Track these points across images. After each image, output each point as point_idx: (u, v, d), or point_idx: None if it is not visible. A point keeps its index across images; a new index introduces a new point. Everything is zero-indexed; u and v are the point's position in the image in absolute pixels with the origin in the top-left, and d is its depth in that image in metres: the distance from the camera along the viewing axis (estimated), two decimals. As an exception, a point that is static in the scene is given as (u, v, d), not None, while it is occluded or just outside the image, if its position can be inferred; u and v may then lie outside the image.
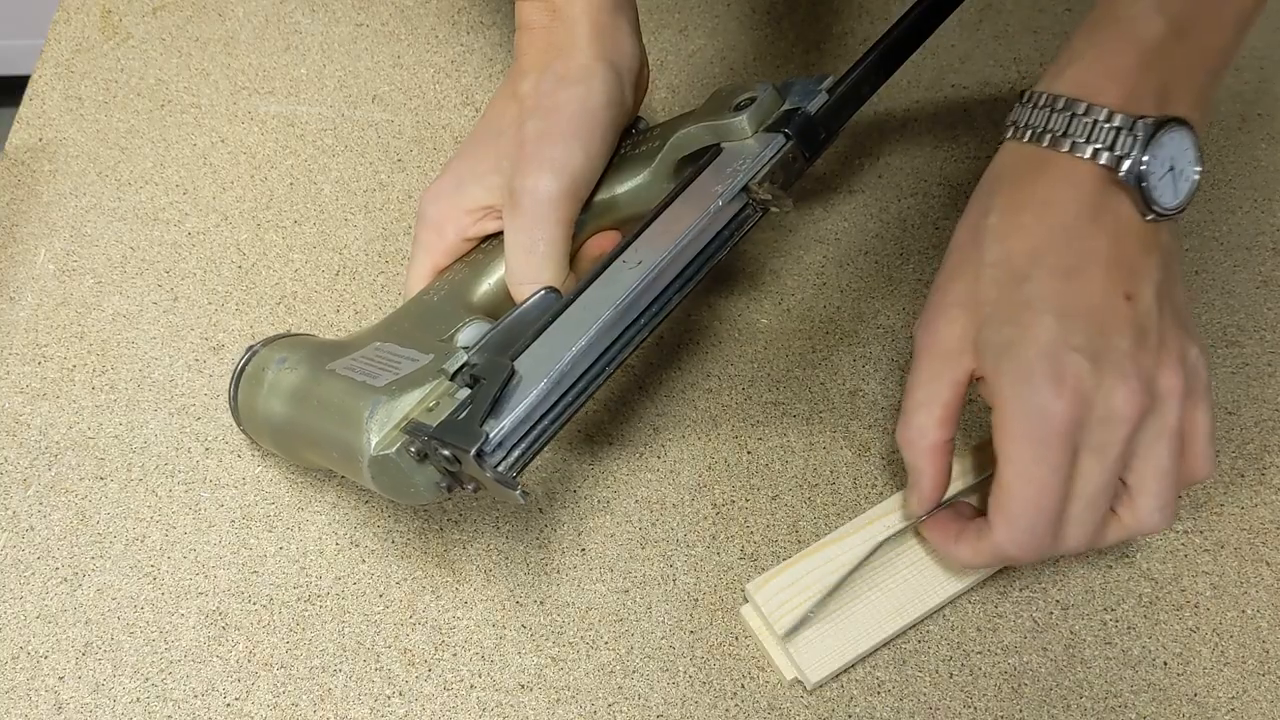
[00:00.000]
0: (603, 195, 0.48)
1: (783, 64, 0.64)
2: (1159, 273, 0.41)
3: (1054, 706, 0.45)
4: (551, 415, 0.41)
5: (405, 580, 0.47)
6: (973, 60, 0.64)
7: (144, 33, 0.64)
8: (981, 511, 0.44)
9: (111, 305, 0.54)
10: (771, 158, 0.45)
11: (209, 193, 0.58)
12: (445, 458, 0.39)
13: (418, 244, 0.49)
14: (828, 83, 0.47)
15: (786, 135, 0.46)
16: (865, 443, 0.51)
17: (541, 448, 0.41)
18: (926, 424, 0.43)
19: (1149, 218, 0.41)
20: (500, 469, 0.39)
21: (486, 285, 0.47)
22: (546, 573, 0.48)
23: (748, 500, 0.49)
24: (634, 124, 0.51)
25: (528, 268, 0.45)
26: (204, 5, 0.65)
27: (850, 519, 0.48)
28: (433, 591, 0.47)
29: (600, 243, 0.49)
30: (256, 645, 0.46)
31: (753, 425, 0.51)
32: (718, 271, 0.56)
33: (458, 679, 0.45)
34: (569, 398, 0.41)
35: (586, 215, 0.48)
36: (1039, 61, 0.63)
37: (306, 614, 0.46)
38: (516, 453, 0.40)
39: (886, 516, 0.47)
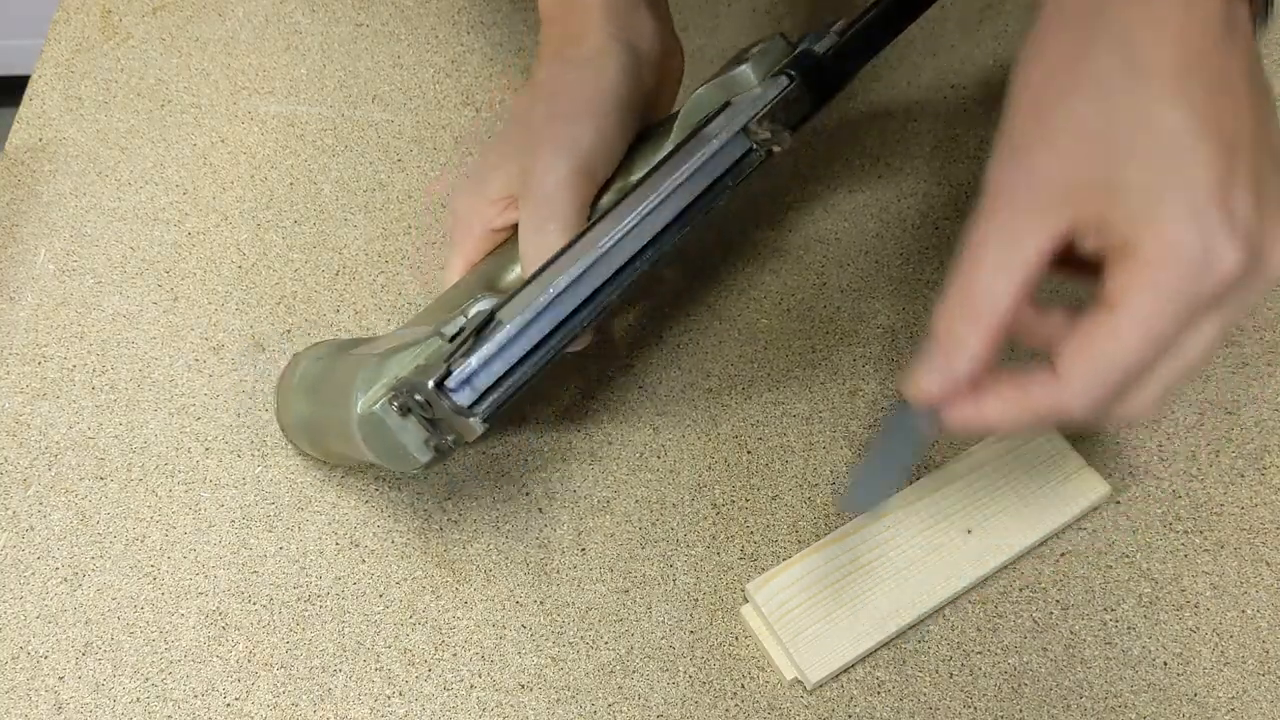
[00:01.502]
0: (623, 179, 0.48)
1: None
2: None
3: (1054, 706, 0.45)
4: (527, 356, 0.41)
5: (405, 580, 0.47)
6: (973, 60, 0.64)
7: (144, 33, 0.64)
8: None
9: (111, 305, 0.54)
10: (774, 97, 0.44)
11: (209, 193, 0.58)
12: (419, 404, 0.40)
13: (449, 242, 0.49)
14: (839, 25, 0.46)
15: (790, 75, 0.45)
16: (865, 443, 0.51)
17: (515, 389, 0.41)
18: (1000, 290, 0.34)
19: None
20: (459, 398, 0.39)
21: (511, 275, 0.47)
22: (546, 573, 0.48)
23: (748, 500, 0.49)
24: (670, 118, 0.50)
25: (539, 249, 0.44)
26: (204, 5, 0.65)
27: (850, 519, 0.48)
28: (433, 591, 0.47)
29: None
30: (256, 645, 0.46)
31: (753, 425, 0.51)
32: (716, 271, 0.56)
33: (458, 679, 0.45)
34: (548, 338, 0.41)
35: (606, 199, 0.47)
36: (1039, 61, 0.63)
37: (306, 614, 0.46)
38: (483, 388, 0.40)
39: (887, 516, 0.47)
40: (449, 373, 0.40)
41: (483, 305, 0.43)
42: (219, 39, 0.64)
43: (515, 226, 0.48)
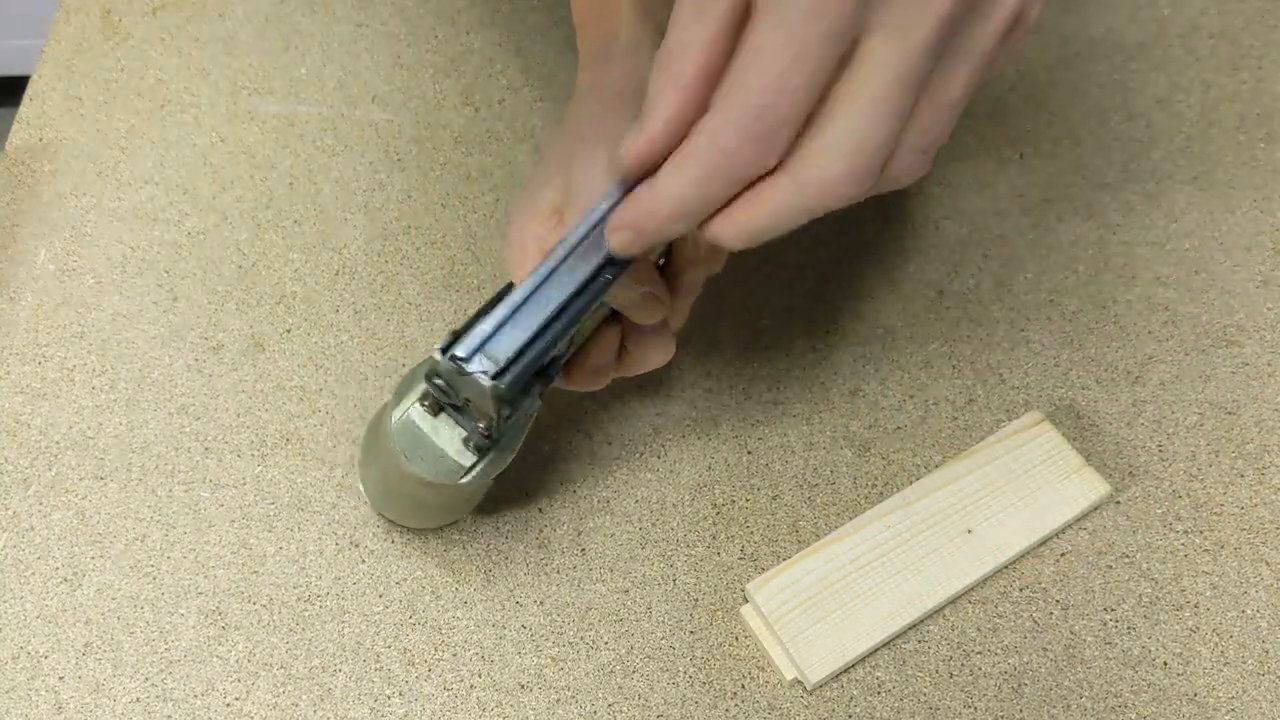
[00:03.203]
0: None
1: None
2: None
3: (1054, 706, 0.45)
4: (543, 316, 0.38)
5: (405, 580, 0.47)
6: (973, 60, 0.64)
7: (144, 33, 0.64)
8: None
9: (111, 305, 0.54)
10: None
11: (209, 193, 0.58)
12: (441, 389, 0.39)
13: (508, 269, 0.45)
14: None
15: None
16: (865, 443, 0.51)
17: (531, 348, 0.38)
18: (691, 41, 0.32)
19: None
20: (471, 365, 0.37)
21: None
22: (546, 573, 0.48)
23: (748, 500, 0.49)
24: None
25: None
26: (204, 5, 0.65)
27: (850, 519, 0.48)
28: (433, 591, 0.47)
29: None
30: (256, 645, 0.46)
31: (753, 425, 0.51)
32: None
33: (458, 679, 0.45)
34: (574, 297, 0.38)
35: None
36: (1039, 61, 0.63)
37: (306, 614, 0.46)
38: (503, 357, 0.37)
39: (887, 516, 0.48)
40: (455, 339, 0.38)
41: None
42: (219, 39, 0.64)
43: None
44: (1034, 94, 0.62)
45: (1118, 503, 0.49)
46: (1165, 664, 0.46)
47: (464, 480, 0.42)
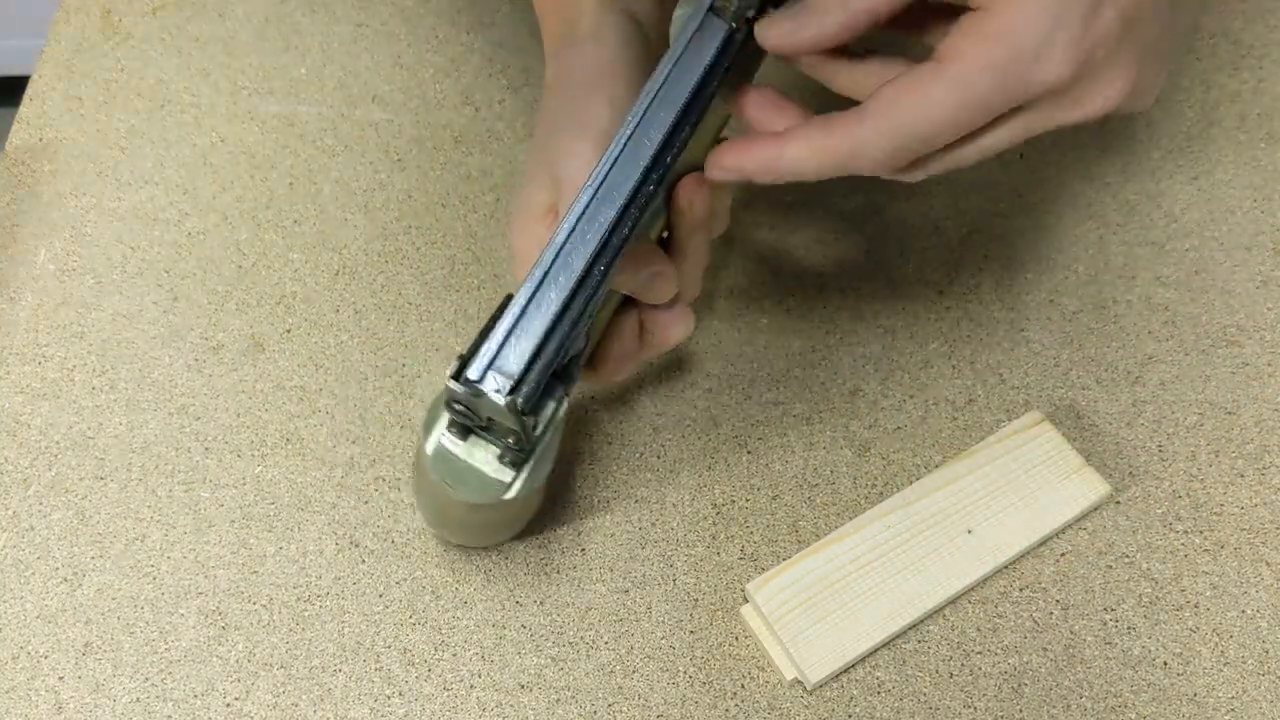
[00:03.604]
0: None
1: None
2: None
3: (1054, 706, 0.45)
4: (546, 321, 0.37)
5: (405, 580, 0.47)
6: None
7: (144, 33, 0.64)
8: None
9: (111, 305, 0.54)
10: None
11: (209, 193, 0.58)
12: (459, 411, 0.38)
13: (515, 279, 0.45)
14: None
15: None
16: (865, 443, 0.51)
17: (541, 355, 0.37)
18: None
19: None
20: (484, 385, 0.37)
21: None
22: (546, 573, 0.48)
23: (748, 500, 0.49)
24: None
25: None
26: (204, 5, 0.65)
27: (850, 519, 0.48)
28: (433, 591, 0.47)
29: (689, 185, 0.43)
30: (256, 645, 0.46)
31: (753, 425, 0.51)
32: (716, 271, 0.56)
33: (458, 679, 0.45)
34: (573, 295, 0.38)
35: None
36: (1039, 61, 0.63)
37: (306, 614, 0.46)
38: (515, 371, 0.37)
39: (887, 516, 0.47)
40: (464, 363, 0.37)
41: None
42: (219, 39, 0.64)
43: None
44: (1034, 94, 0.62)
45: (1118, 503, 0.49)
46: (1165, 664, 0.46)
47: (510, 496, 0.41)
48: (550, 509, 0.49)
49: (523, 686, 0.45)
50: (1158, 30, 0.36)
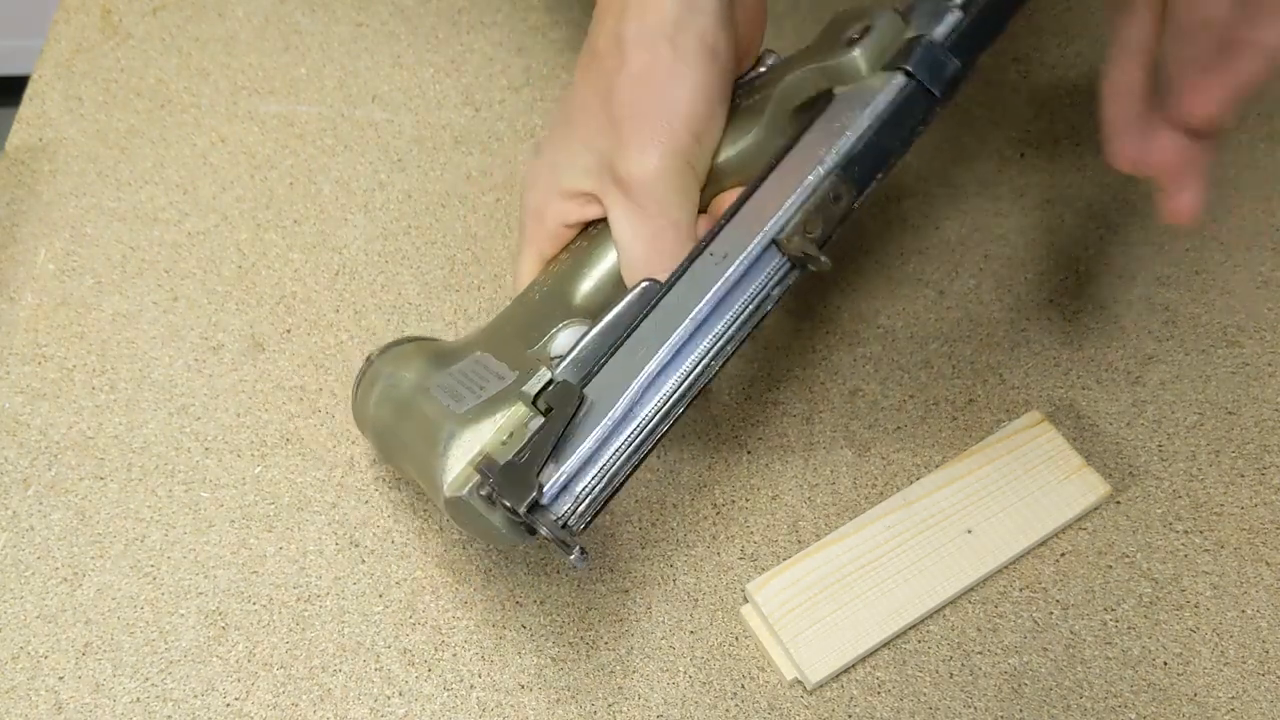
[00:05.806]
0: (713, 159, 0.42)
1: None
2: None
3: (1054, 706, 0.45)
4: (622, 453, 0.36)
5: (405, 580, 0.47)
6: (973, 60, 0.64)
7: (144, 33, 0.64)
8: None
9: (111, 305, 0.54)
10: (885, 107, 0.36)
11: (209, 193, 0.58)
12: (506, 507, 0.36)
13: (522, 233, 0.44)
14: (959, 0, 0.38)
15: (907, 73, 0.37)
16: (865, 443, 0.51)
17: (611, 493, 0.36)
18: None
19: None
20: (557, 521, 0.36)
21: (589, 284, 0.43)
22: (546, 573, 0.48)
23: (748, 500, 0.49)
24: (755, 63, 0.43)
25: (658, 257, 0.39)
26: (204, 5, 0.65)
27: (850, 519, 0.48)
28: (433, 591, 0.47)
29: (729, 199, 0.41)
30: (256, 645, 0.46)
31: (753, 425, 0.51)
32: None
33: (458, 679, 0.45)
34: (643, 429, 0.37)
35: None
36: (1039, 61, 0.63)
37: (306, 614, 0.46)
38: (581, 503, 0.36)
39: (887, 516, 0.48)
40: (541, 489, 0.35)
41: (568, 337, 0.39)
42: (219, 39, 0.64)
43: (589, 222, 0.44)
44: (1035, 94, 0.62)
45: (1118, 503, 0.49)
46: (1165, 664, 0.46)
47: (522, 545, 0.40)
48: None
49: (523, 686, 0.45)
50: None
